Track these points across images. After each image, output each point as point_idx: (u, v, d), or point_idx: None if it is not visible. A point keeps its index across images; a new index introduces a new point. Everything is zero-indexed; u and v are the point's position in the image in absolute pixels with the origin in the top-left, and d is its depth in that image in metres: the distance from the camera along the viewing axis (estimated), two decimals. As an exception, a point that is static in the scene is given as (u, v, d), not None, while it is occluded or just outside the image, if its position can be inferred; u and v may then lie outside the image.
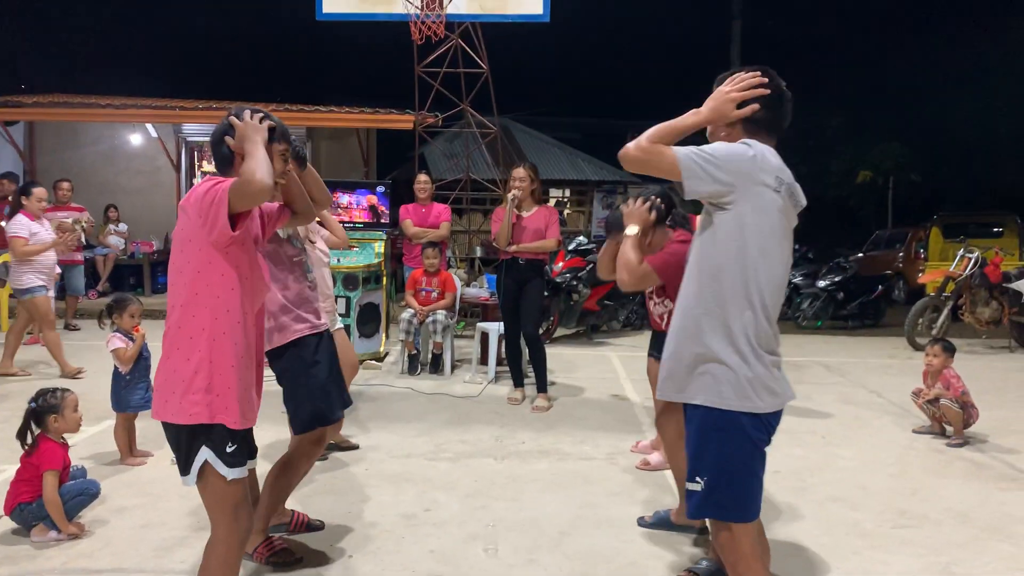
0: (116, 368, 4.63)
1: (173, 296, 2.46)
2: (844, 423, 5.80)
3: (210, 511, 2.51)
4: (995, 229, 14.27)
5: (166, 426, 2.47)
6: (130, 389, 4.64)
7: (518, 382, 6.38)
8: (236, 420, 2.45)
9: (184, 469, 2.48)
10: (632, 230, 3.31)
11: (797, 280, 11.73)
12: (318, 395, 3.33)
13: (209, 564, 2.50)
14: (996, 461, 4.92)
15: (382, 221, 8.30)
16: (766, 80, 2.35)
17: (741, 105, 2.34)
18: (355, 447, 5.01)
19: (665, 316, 3.54)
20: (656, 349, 4.58)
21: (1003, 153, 22.34)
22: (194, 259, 2.41)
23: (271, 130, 2.58)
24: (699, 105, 2.40)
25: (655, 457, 4.70)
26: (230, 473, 2.45)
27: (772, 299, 2.30)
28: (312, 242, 4.05)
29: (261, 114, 2.57)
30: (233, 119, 2.53)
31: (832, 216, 25.64)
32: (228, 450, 2.45)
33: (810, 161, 24.78)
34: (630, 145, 2.28)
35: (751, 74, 2.35)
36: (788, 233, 2.35)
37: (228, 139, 2.53)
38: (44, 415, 3.64)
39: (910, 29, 25.90)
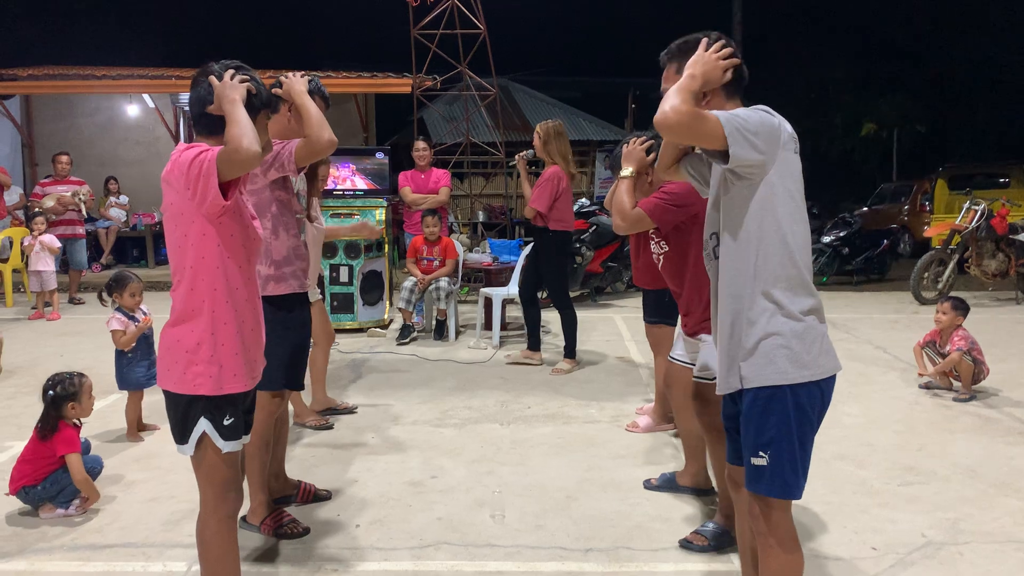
0: (118, 349, 4.61)
1: (174, 269, 2.43)
2: (850, 380, 5.77)
3: (200, 482, 2.49)
4: (1002, 180, 14.10)
5: (167, 393, 2.45)
6: (131, 367, 4.62)
7: (535, 346, 6.40)
8: (243, 384, 2.45)
9: (181, 438, 2.46)
10: (627, 171, 3.25)
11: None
12: (292, 358, 3.36)
13: (205, 539, 2.49)
14: (1004, 415, 4.90)
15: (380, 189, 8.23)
16: (733, 47, 2.32)
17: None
18: (353, 408, 5.09)
19: (661, 257, 3.49)
20: (649, 313, 4.56)
21: (1010, 102, 22.03)
22: (189, 232, 2.36)
23: (250, 92, 2.41)
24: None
25: (644, 420, 4.71)
26: (226, 446, 2.44)
27: (808, 262, 2.25)
28: (312, 218, 4.00)
29: (239, 73, 2.42)
30: (212, 79, 2.39)
31: (836, 170, 25.42)
32: (226, 423, 2.43)
33: (813, 115, 24.52)
34: (667, 109, 2.09)
35: (720, 41, 2.30)
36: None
37: (210, 106, 2.39)
38: (63, 402, 3.63)
39: (914, -23, 25.43)
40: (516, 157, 6.31)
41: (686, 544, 3.19)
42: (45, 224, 8.63)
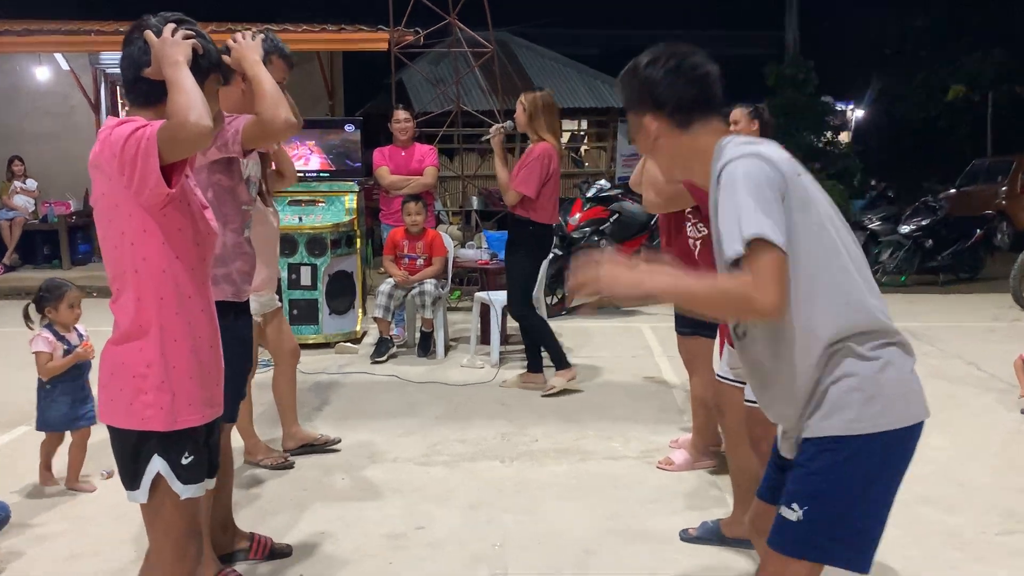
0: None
1: (112, 276, 2.44)
2: (936, 403, 5.70)
3: (153, 535, 2.50)
4: None
5: (112, 429, 2.46)
6: (50, 402, 4.44)
7: (562, 363, 6.36)
8: (200, 414, 2.46)
9: (131, 483, 2.46)
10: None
11: (874, 226, 11.72)
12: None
13: None
14: None
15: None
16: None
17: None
18: (336, 442, 5.11)
19: (698, 244, 3.52)
20: (682, 321, 4.58)
21: None
22: (127, 229, 2.37)
23: (196, 50, 2.41)
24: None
25: (680, 455, 4.74)
26: (184, 491, 2.44)
27: (867, 271, 2.26)
28: (266, 196, 4.02)
29: (182, 28, 2.41)
30: (148, 35, 2.38)
31: (917, 144, 25.47)
32: (184, 461, 2.44)
33: (888, 75, 24.57)
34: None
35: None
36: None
37: (147, 69, 2.39)
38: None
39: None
40: (491, 130, 6.33)
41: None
42: None
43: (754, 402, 3.26)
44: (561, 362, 6.25)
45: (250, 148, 3.22)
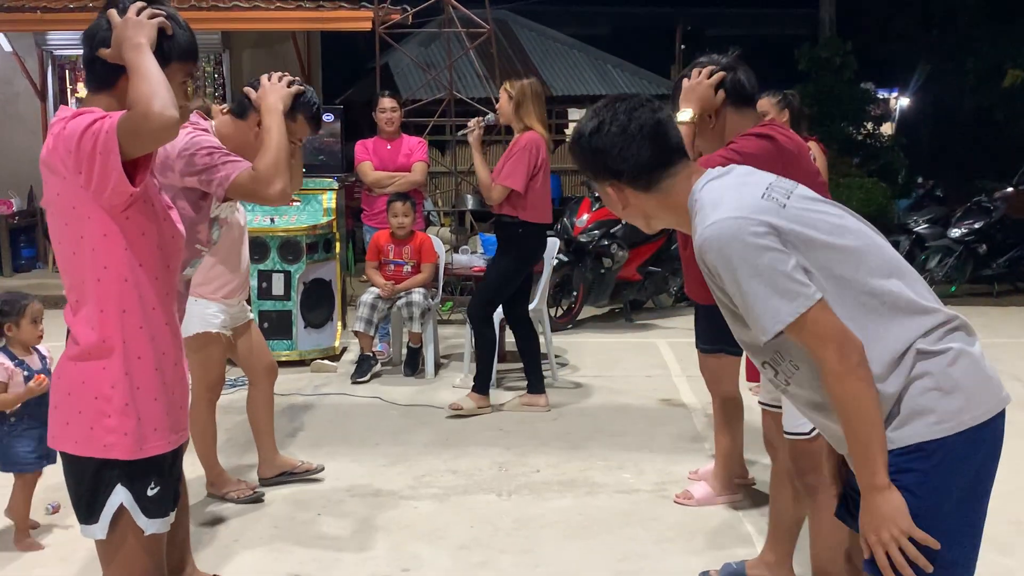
0: None
1: (70, 285, 2.46)
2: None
3: (110, 575, 2.51)
4: None
5: (66, 457, 2.47)
6: (13, 439, 4.22)
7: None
8: (166, 440, 2.48)
9: (88, 515, 2.47)
10: (686, 115, 3.30)
11: (920, 229, 11.73)
12: None
13: None
14: None
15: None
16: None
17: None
18: (319, 469, 5.14)
19: None
20: (704, 337, 4.60)
21: None
22: (86, 233, 2.38)
23: (164, 33, 2.42)
24: None
25: (700, 488, 4.77)
26: (149, 526, 2.46)
27: (906, 278, 2.27)
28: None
29: (151, 8, 2.42)
30: (112, 14, 2.39)
31: (969, 136, 25.52)
32: (150, 492, 2.46)
33: (936, 58, 24.62)
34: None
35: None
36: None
37: (103, 50, 2.40)
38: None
39: None
40: (471, 124, 6.34)
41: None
42: None
43: (794, 434, 3.30)
44: (483, 387, 6.37)
45: (231, 199, 3.26)
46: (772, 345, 2.20)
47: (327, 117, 8.39)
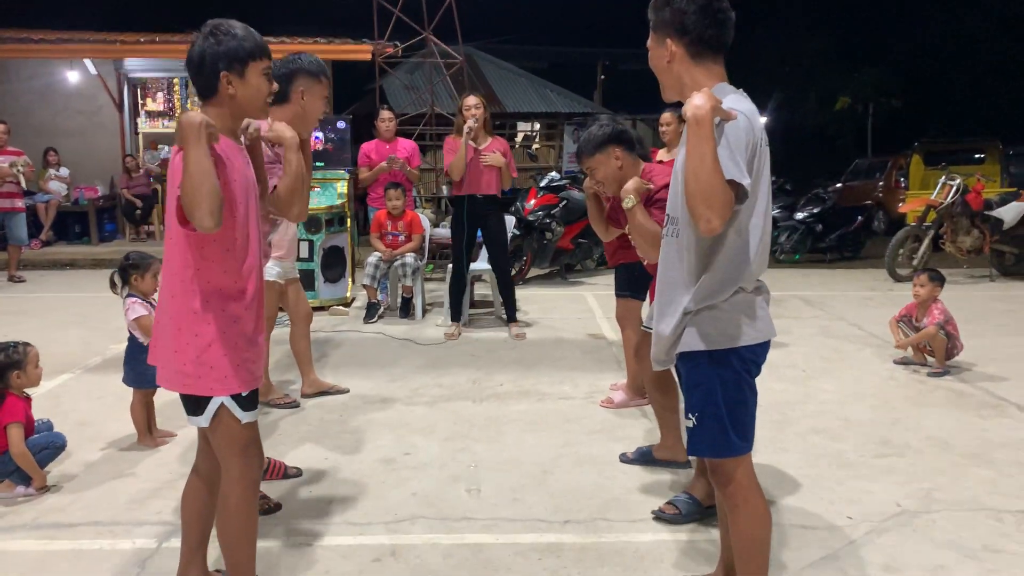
0: (132, 338, 4.16)
1: (168, 256, 2.41)
2: (824, 356, 5.97)
3: (222, 452, 2.49)
4: (977, 156, 14.50)
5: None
6: (144, 359, 4.30)
7: (456, 317, 6.77)
8: (253, 383, 2.48)
9: (195, 410, 2.46)
10: (630, 203, 3.26)
11: (774, 213, 11.83)
12: None
13: (228, 506, 2.49)
14: (977, 389, 5.12)
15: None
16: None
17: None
18: (345, 391, 5.13)
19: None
20: (620, 286, 4.67)
21: (987, 78, 22.56)
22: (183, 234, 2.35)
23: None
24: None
25: (618, 395, 4.86)
26: (245, 416, 2.45)
27: (765, 246, 2.38)
28: None
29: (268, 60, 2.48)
30: (180, 118, 2.28)
31: (810, 145, 25.83)
32: (245, 394, 2.45)
33: (787, 87, 24.84)
34: (704, 228, 2.15)
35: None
36: None
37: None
38: (7, 371, 3.63)
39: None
40: (467, 129, 6.21)
41: (659, 515, 3.33)
42: None
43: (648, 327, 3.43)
44: (515, 315, 6.77)
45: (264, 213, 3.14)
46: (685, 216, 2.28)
47: (340, 124, 8.35)
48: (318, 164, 7.97)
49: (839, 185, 15.99)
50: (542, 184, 9.72)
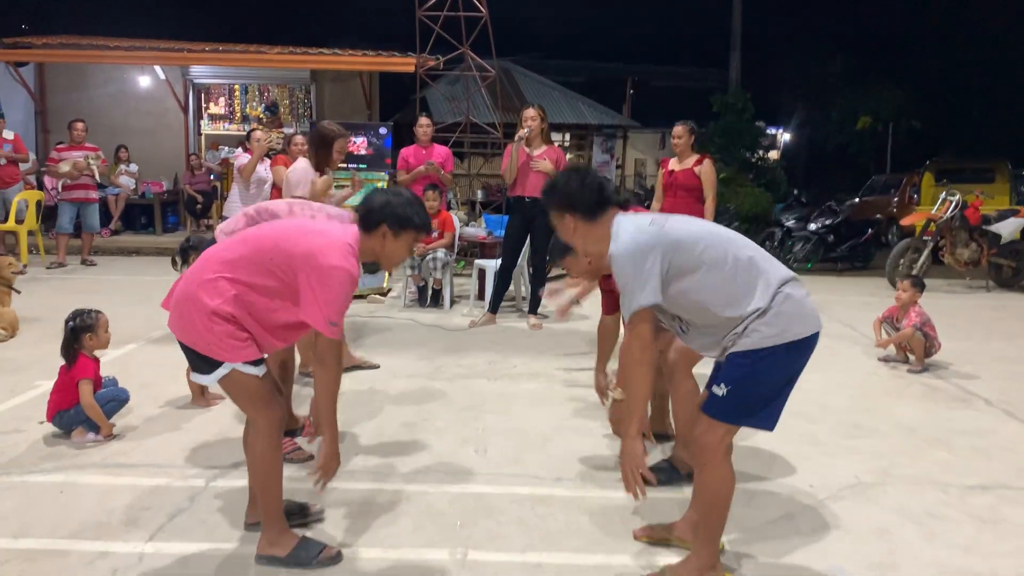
0: None
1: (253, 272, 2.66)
2: (816, 353, 6.12)
3: (245, 406, 2.71)
4: (987, 175, 14.48)
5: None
6: None
7: (495, 308, 7.03)
8: (265, 351, 2.75)
9: (205, 369, 2.66)
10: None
11: (789, 223, 12.02)
12: None
13: (256, 454, 2.72)
14: (950, 385, 5.31)
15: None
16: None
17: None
18: (375, 366, 5.43)
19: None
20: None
21: (1005, 102, 22.36)
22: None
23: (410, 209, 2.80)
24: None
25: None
26: (256, 371, 2.68)
27: (752, 260, 2.65)
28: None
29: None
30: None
31: (832, 162, 25.77)
32: (253, 358, 2.69)
33: (810, 107, 24.82)
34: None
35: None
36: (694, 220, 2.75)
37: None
38: (81, 333, 4.01)
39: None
40: (518, 136, 6.63)
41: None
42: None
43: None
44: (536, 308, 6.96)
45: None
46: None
47: (382, 130, 8.71)
48: (361, 166, 8.35)
49: (855, 200, 16.04)
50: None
